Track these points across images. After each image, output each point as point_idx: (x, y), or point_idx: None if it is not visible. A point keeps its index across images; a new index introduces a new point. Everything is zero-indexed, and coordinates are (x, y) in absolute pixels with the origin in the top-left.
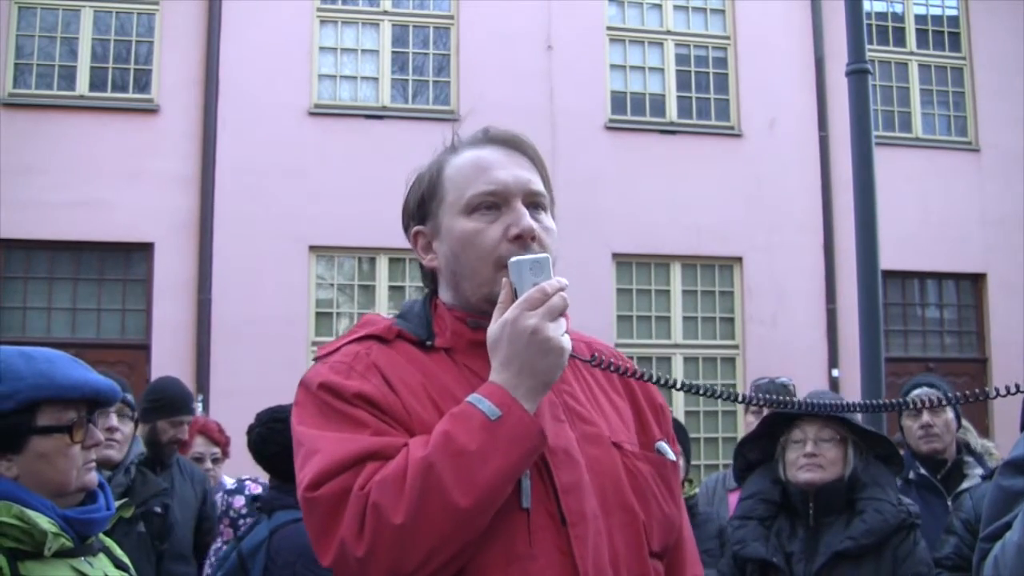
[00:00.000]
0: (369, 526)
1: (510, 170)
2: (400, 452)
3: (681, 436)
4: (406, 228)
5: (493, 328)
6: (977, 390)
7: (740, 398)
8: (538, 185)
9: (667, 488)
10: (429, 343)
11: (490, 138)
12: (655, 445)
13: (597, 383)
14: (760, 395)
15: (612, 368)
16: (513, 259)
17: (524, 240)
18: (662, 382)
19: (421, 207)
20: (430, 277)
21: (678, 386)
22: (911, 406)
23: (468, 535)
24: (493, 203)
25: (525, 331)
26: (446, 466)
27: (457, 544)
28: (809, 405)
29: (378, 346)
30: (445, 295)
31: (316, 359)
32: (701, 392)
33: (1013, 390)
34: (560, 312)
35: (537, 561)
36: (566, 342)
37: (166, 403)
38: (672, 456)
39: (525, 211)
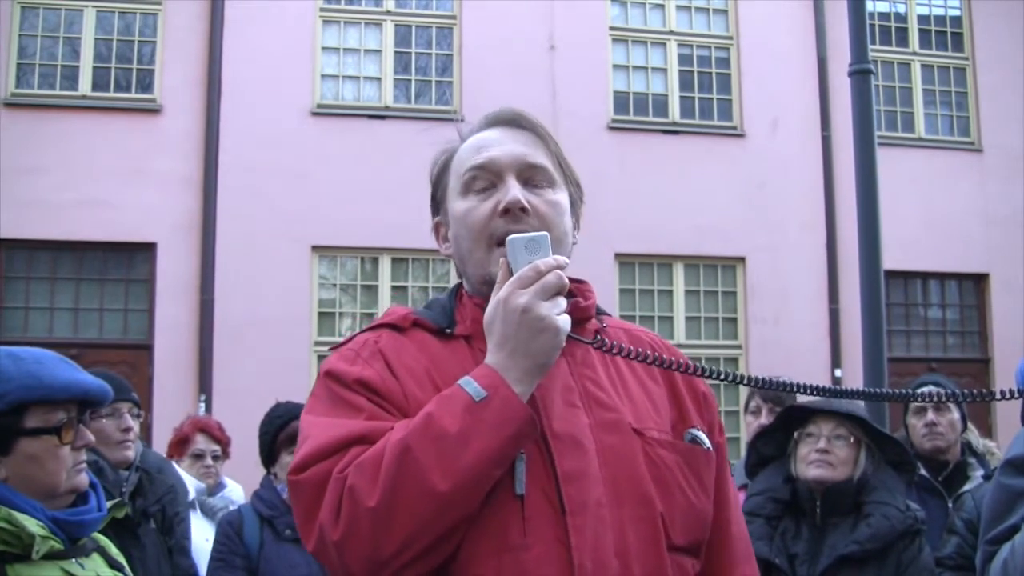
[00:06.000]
0: (345, 510)
1: (504, 146)
2: (384, 435)
3: None
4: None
5: (488, 308)
6: (984, 390)
7: (748, 380)
8: (537, 158)
9: (696, 478)
10: (448, 331)
11: (490, 121)
12: (687, 432)
13: (630, 369)
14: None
15: (616, 351)
16: (510, 237)
17: (513, 213)
18: (674, 367)
19: (434, 198)
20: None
21: (704, 373)
22: (920, 398)
23: (450, 520)
24: (487, 180)
25: (516, 309)
26: (424, 448)
27: (438, 530)
28: (823, 390)
29: (389, 334)
30: (466, 283)
31: (331, 349)
32: (713, 375)
33: (1016, 394)
34: (556, 291)
35: (531, 551)
36: (562, 322)
37: None
38: (707, 445)
39: (515, 184)
